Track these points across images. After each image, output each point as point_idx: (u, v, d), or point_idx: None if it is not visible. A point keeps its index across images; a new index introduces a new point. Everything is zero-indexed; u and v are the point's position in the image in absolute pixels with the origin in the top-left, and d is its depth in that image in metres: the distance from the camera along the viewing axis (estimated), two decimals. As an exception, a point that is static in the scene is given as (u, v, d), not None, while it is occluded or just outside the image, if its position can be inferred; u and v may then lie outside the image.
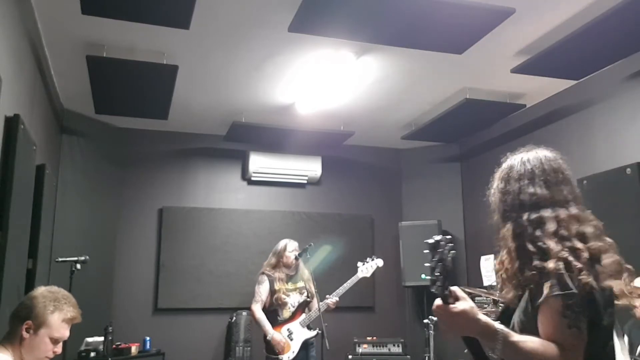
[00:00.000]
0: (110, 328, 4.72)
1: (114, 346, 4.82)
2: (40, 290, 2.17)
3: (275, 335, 4.20)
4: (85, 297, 3.01)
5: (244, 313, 5.52)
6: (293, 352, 4.22)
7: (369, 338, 5.46)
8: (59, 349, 2.14)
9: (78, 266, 3.79)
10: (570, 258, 1.38)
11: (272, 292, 4.34)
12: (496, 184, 1.63)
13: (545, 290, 1.36)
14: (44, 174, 3.76)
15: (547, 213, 1.48)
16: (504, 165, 1.65)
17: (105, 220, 5.50)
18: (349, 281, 4.50)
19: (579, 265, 1.37)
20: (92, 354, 4.69)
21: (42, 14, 3.53)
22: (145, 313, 5.58)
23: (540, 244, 1.42)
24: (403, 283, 5.89)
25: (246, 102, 5.15)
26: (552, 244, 1.41)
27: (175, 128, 5.87)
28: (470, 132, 5.86)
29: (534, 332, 1.39)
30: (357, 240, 6.17)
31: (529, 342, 1.35)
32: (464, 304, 1.36)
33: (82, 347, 4.74)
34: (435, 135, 5.90)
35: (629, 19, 3.32)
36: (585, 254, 1.40)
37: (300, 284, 4.45)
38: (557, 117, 4.90)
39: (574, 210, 1.50)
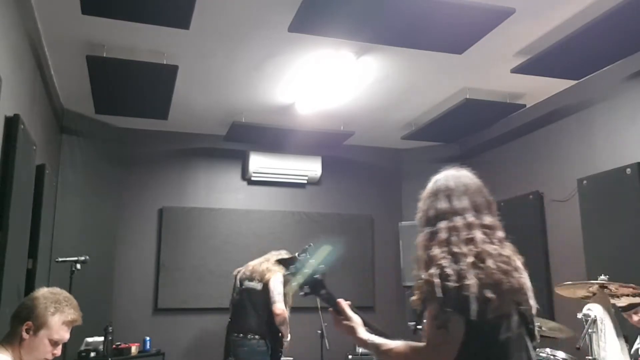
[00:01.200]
0: (110, 328, 4.71)
1: (114, 346, 4.82)
2: (42, 292, 2.16)
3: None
4: (85, 297, 3.01)
5: (244, 313, 5.51)
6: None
7: (369, 338, 5.46)
8: (58, 351, 2.13)
9: (78, 266, 3.79)
10: (445, 264, 1.53)
11: (285, 294, 4.29)
12: (419, 204, 1.79)
13: (427, 296, 1.55)
14: (44, 174, 3.76)
15: (443, 224, 1.63)
16: (427, 187, 1.80)
17: (105, 221, 5.49)
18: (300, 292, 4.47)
19: (449, 271, 1.51)
20: (92, 354, 4.69)
21: (42, 14, 3.53)
22: (145, 313, 5.58)
23: (429, 251, 1.60)
24: (403, 283, 5.89)
25: (246, 102, 5.15)
26: (437, 252, 1.57)
27: (175, 128, 5.87)
28: (470, 132, 5.86)
29: None
30: (357, 240, 6.17)
31: (395, 348, 1.62)
32: (349, 322, 1.75)
33: (82, 347, 4.74)
34: (435, 135, 5.90)
35: (629, 19, 3.32)
36: (468, 258, 1.53)
37: None
38: (557, 117, 4.90)
39: (470, 218, 1.63)
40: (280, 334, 4.18)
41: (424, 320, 1.58)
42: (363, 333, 1.72)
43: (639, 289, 2.92)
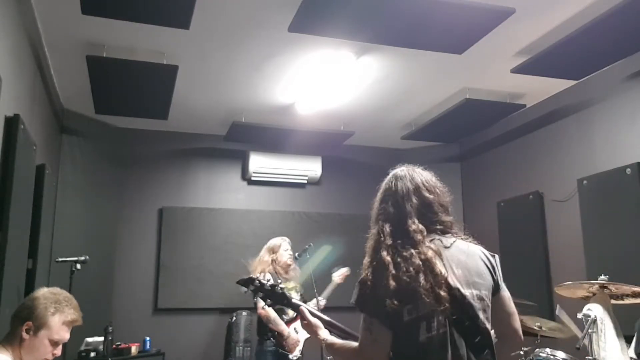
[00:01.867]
0: (110, 328, 4.71)
1: (114, 346, 4.82)
2: (42, 292, 2.16)
3: (293, 334, 4.18)
4: (85, 297, 3.01)
5: (244, 313, 5.52)
6: (299, 350, 4.23)
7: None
8: (58, 351, 2.13)
9: (78, 266, 3.79)
10: (363, 272, 1.70)
11: None
12: None
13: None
14: (44, 174, 3.76)
15: (371, 231, 1.80)
16: None
17: (105, 220, 5.49)
18: (328, 288, 4.52)
19: (365, 279, 1.67)
20: (92, 354, 4.69)
21: (42, 14, 3.53)
22: (145, 313, 5.58)
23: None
24: (403, 283, 5.88)
25: (246, 102, 5.14)
26: (365, 260, 1.74)
27: (175, 128, 5.86)
28: (470, 132, 5.86)
29: None
30: (357, 240, 6.14)
31: (340, 347, 1.83)
32: (310, 325, 1.96)
33: (82, 347, 4.74)
34: (435, 135, 5.90)
35: (629, 19, 3.32)
36: (377, 266, 1.66)
37: (292, 284, 4.43)
38: (557, 117, 4.90)
39: (387, 227, 1.73)
40: (277, 333, 4.21)
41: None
42: (322, 333, 1.94)
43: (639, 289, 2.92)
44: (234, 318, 5.57)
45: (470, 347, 1.60)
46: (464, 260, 1.69)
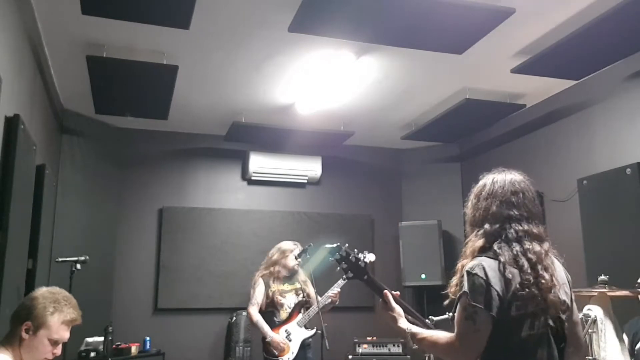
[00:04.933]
0: (110, 328, 4.71)
1: (114, 346, 4.81)
2: (41, 291, 2.16)
3: (275, 336, 4.17)
4: (85, 297, 3.00)
5: (244, 313, 5.51)
6: (292, 352, 4.20)
7: (369, 338, 5.46)
8: (58, 350, 2.13)
9: (78, 266, 3.79)
10: (480, 262, 1.70)
11: (268, 293, 4.32)
12: (470, 198, 1.95)
13: (461, 288, 1.72)
14: (44, 174, 3.76)
15: (487, 227, 1.80)
16: (480, 183, 1.96)
17: (105, 221, 5.49)
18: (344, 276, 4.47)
19: (480, 270, 1.68)
20: (92, 354, 4.69)
21: (42, 14, 3.53)
22: (145, 313, 5.58)
23: (472, 247, 1.79)
24: (403, 283, 5.88)
25: (246, 102, 5.15)
26: (477, 248, 1.77)
27: (175, 128, 5.87)
28: (470, 132, 5.86)
29: None
30: (357, 240, 6.13)
31: (429, 337, 1.81)
32: (391, 312, 1.96)
33: (82, 347, 4.74)
34: (435, 135, 5.90)
35: (629, 19, 3.31)
36: (498, 261, 1.69)
37: (297, 285, 4.41)
38: (557, 117, 4.90)
39: (515, 225, 1.78)
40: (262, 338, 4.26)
41: (456, 311, 1.73)
42: (403, 323, 1.93)
43: (634, 293, 2.91)
44: (234, 318, 5.58)
45: (558, 350, 1.71)
46: (558, 270, 1.82)
